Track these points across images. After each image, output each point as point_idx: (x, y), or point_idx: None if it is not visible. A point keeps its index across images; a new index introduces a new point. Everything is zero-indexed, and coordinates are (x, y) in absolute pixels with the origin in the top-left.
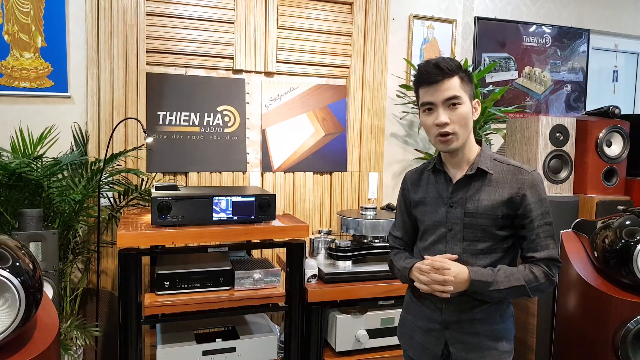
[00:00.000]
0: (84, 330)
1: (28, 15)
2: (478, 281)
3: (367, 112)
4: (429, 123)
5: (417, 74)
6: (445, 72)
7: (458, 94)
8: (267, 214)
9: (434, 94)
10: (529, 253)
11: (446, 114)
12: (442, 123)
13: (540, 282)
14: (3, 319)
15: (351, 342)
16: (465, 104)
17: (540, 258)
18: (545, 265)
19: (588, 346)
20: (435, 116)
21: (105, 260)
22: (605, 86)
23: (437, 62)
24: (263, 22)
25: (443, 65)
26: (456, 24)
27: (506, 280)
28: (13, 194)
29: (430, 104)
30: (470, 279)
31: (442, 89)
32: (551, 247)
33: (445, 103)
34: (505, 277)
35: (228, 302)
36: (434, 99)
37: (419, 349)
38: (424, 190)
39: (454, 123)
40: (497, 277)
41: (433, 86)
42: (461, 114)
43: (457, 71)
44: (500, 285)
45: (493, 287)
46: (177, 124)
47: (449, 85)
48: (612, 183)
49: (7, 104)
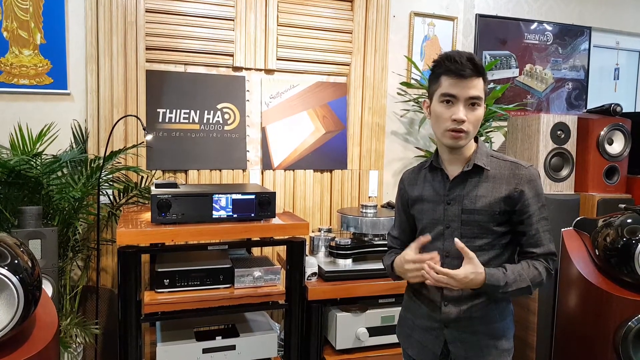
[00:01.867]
0: (83, 328)
1: (27, 12)
2: (491, 285)
3: (368, 109)
4: (446, 115)
5: (446, 62)
6: (477, 69)
7: (481, 95)
8: (267, 211)
9: (462, 88)
10: (529, 248)
11: (465, 111)
12: (461, 120)
13: (542, 277)
14: (1, 317)
15: (351, 340)
16: (482, 107)
17: (540, 253)
18: (545, 260)
19: (589, 344)
20: (453, 110)
21: (105, 258)
22: (606, 84)
23: (471, 57)
24: (263, 19)
25: (477, 62)
26: (457, 22)
27: (515, 283)
28: (12, 191)
29: (452, 97)
30: (485, 282)
31: (470, 85)
32: (550, 241)
33: (468, 101)
34: (514, 280)
35: (228, 300)
36: (460, 93)
37: (418, 347)
38: (420, 189)
39: (469, 122)
40: (508, 279)
41: (462, 80)
42: (478, 115)
43: (484, 72)
44: (509, 288)
45: (502, 289)
46: (177, 121)
47: (476, 83)
48: (614, 181)
49: (6, 101)
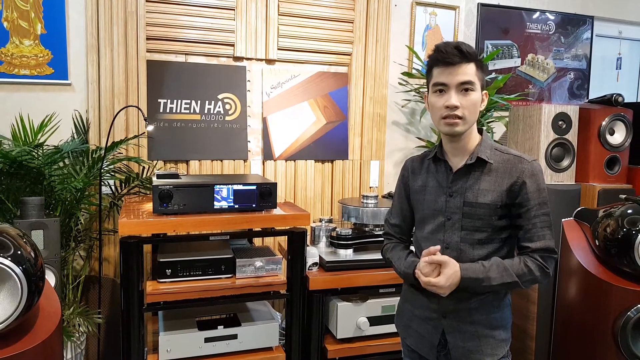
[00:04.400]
0: (86, 318)
1: (27, 2)
2: (469, 279)
3: (369, 100)
4: (439, 104)
5: (434, 53)
6: (465, 55)
7: (473, 79)
8: (269, 202)
9: (449, 76)
10: (525, 243)
11: (457, 97)
12: (453, 105)
13: (535, 275)
14: (5, 307)
15: (352, 329)
16: (477, 92)
17: (535, 249)
18: (541, 257)
19: (588, 334)
20: (446, 98)
21: (107, 248)
22: (608, 74)
23: (458, 45)
24: (264, 9)
25: (464, 49)
26: (459, 11)
27: (499, 276)
28: (14, 182)
29: (443, 85)
30: (461, 277)
31: (459, 72)
32: (547, 237)
33: (459, 87)
34: (498, 273)
35: (230, 290)
36: (449, 80)
37: (416, 337)
38: (424, 178)
39: (464, 108)
40: (490, 273)
41: (450, 68)
42: (472, 100)
43: (475, 57)
44: (492, 282)
45: (485, 283)
46: (178, 111)
47: (465, 69)
48: (615, 171)
49: (7, 91)
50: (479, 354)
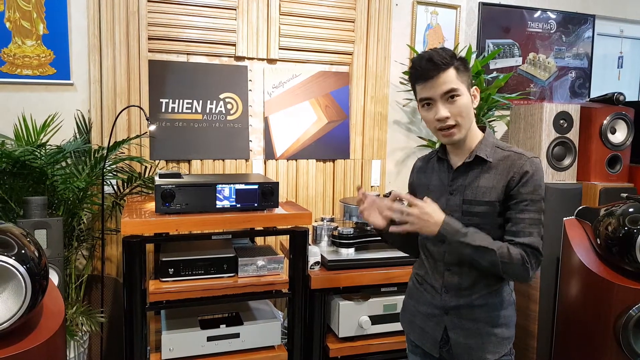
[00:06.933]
0: (89, 317)
1: (29, 2)
2: (451, 226)
3: (370, 99)
4: (430, 118)
5: (411, 69)
6: (439, 66)
7: (455, 86)
8: (270, 201)
9: (431, 89)
10: (509, 236)
11: (445, 107)
12: (443, 118)
13: (514, 262)
14: (10, 306)
15: (354, 328)
16: (464, 95)
17: (518, 242)
18: (523, 250)
19: (590, 333)
20: (435, 111)
21: (110, 247)
22: (610, 72)
23: (430, 57)
24: (265, 8)
25: (437, 60)
26: (460, 10)
27: (479, 238)
28: (17, 181)
29: (428, 99)
30: (443, 221)
31: (439, 83)
32: (535, 235)
33: (444, 97)
34: (479, 236)
35: (232, 289)
36: (432, 94)
37: (419, 333)
38: (429, 178)
39: (455, 115)
40: (470, 231)
41: (429, 82)
42: (461, 105)
43: (451, 62)
44: (470, 240)
45: (463, 238)
46: (180, 111)
47: (445, 78)
48: (616, 170)
49: (9, 91)
50: (480, 351)
